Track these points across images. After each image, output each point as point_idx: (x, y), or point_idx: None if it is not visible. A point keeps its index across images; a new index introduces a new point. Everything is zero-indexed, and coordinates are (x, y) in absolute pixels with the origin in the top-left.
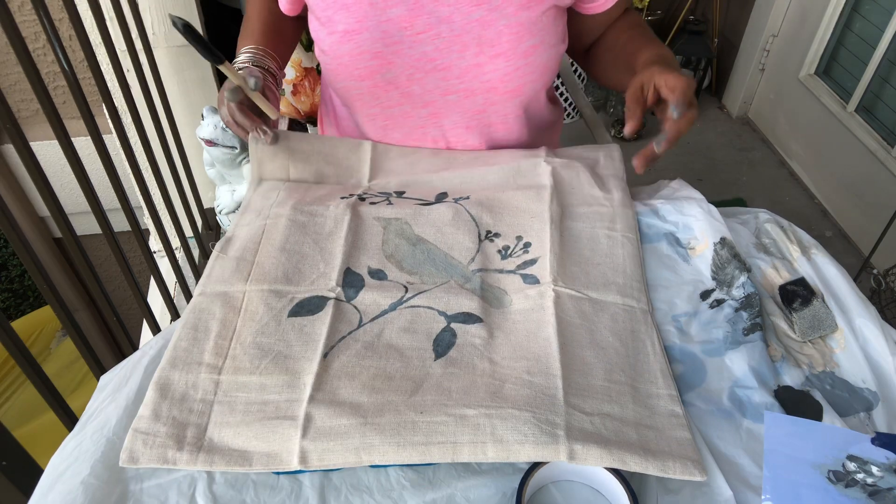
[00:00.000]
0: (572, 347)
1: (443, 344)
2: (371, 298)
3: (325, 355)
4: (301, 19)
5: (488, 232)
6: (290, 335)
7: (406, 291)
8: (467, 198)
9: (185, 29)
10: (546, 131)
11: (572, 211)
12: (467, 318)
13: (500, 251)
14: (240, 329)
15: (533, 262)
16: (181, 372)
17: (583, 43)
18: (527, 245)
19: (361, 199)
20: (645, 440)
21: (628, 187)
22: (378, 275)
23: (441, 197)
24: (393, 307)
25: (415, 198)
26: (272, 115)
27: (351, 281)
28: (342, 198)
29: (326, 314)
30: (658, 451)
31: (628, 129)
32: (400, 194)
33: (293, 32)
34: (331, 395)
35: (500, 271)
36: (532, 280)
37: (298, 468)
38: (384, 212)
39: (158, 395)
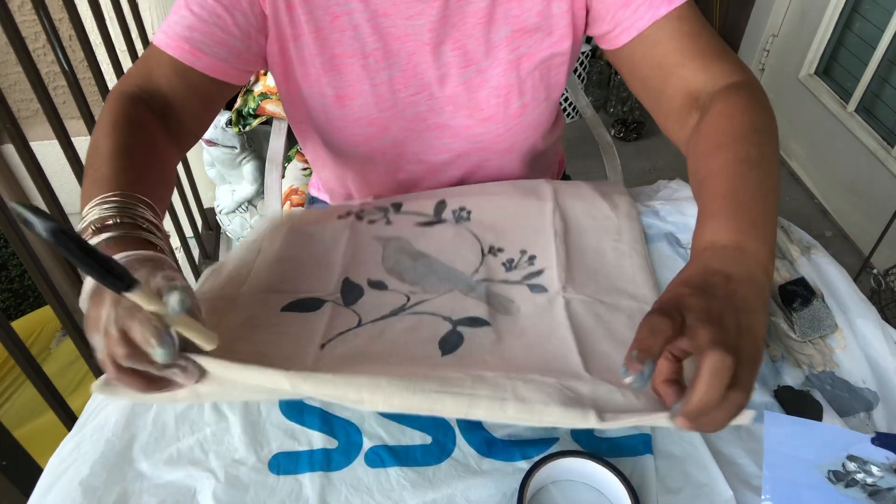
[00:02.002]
0: (591, 343)
1: (449, 344)
2: (371, 304)
3: (321, 346)
4: (181, 148)
5: (491, 247)
6: (283, 326)
7: (408, 300)
8: (468, 218)
9: (56, 236)
10: (544, 155)
11: (576, 224)
12: (474, 321)
13: (504, 264)
14: (229, 318)
15: (539, 272)
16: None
17: (656, 89)
18: (532, 258)
19: (359, 217)
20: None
21: (627, 190)
22: (378, 285)
23: (440, 208)
24: (394, 313)
25: (413, 211)
26: (208, 345)
27: (349, 289)
28: (339, 217)
29: (324, 314)
30: None
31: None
32: (397, 208)
33: (171, 166)
34: (332, 370)
35: (506, 282)
36: (540, 289)
37: (291, 392)
38: (383, 231)
39: None
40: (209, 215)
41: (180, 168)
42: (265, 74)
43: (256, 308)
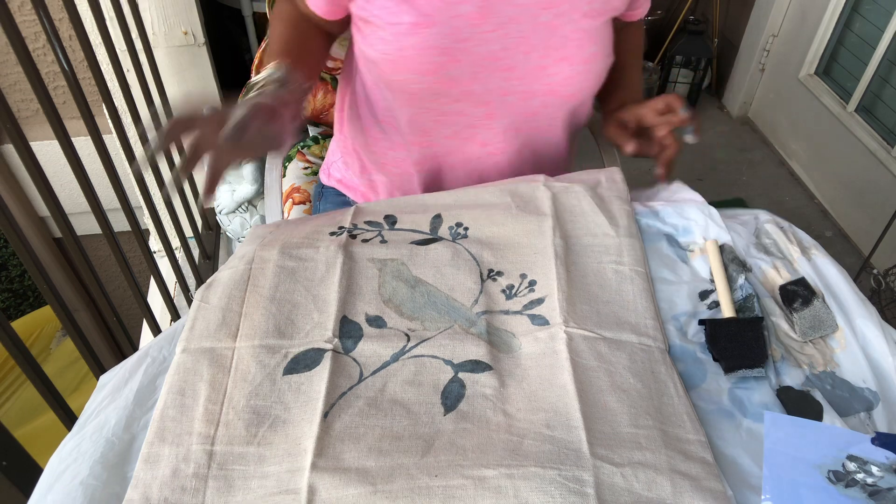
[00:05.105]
0: (592, 394)
1: (451, 396)
2: (371, 349)
3: (325, 415)
4: (329, 37)
5: (490, 271)
6: (286, 396)
7: (408, 340)
8: (465, 235)
9: None
10: (576, 137)
11: (577, 242)
12: (475, 366)
13: (504, 291)
14: (231, 391)
15: (540, 301)
16: (170, 446)
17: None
18: (532, 283)
19: (353, 236)
20: (679, 493)
21: (628, 189)
22: (377, 322)
23: (436, 224)
24: (395, 358)
25: (408, 228)
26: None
27: (348, 331)
28: (331, 234)
29: (324, 369)
30: None
31: (632, 148)
32: (392, 223)
33: (320, 49)
34: (334, 462)
35: (506, 312)
36: (541, 321)
37: None
38: (378, 252)
39: (148, 473)
40: (209, 215)
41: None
42: None
43: (258, 376)
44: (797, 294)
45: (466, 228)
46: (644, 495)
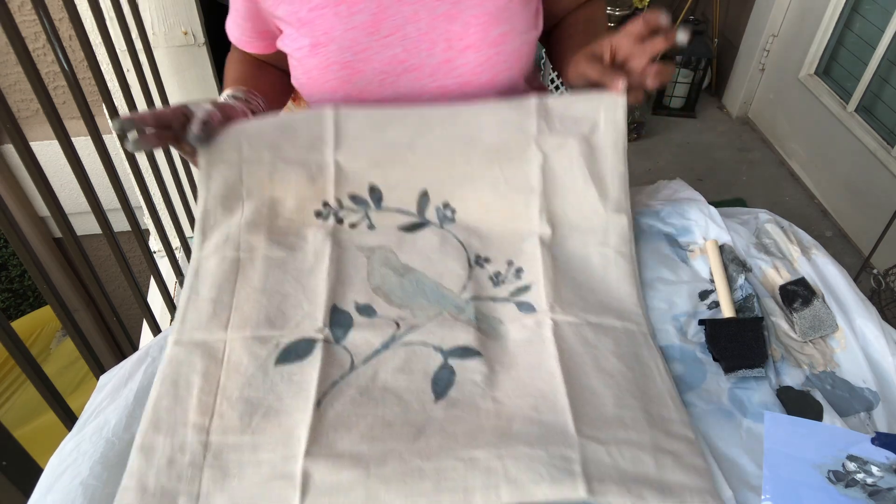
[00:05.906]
0: (578, 378)
1: (441, 383)
2: (362, 338)
3: (318, 404)
4: (284, 75)
5: (478, 257)
6: (279, 386)
7: (398, 328)
8: (452, 218)
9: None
10: None
11: (563, 221)
12: (465, 352)
13: (491, 278)
14: (224, 383)
15: (527, 288)
16: (165, 435)
17: (546, 25)
18: (518, 271)
19: (339, 221)
20: (662, 469)
21: (627, 129)
22: (366, 311)
23: (423, 203)
24: (385, 346)
25: (395, 207)
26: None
27: (338, 320)
28: (317, 215)
29: (316, 359)
30: (675, 483)
31: (622, 84)
32: (377, 199)
33: (273, 83)
34: (328, 448)
35: (494, 299)
36: (527, 308)
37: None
38: (367, 239)
39: (143, 461)
40: None
41: (180, 168)
42: None
43: (250, 367)
44: (797, 294)
45: (454, 211)
46: (629, 471)
